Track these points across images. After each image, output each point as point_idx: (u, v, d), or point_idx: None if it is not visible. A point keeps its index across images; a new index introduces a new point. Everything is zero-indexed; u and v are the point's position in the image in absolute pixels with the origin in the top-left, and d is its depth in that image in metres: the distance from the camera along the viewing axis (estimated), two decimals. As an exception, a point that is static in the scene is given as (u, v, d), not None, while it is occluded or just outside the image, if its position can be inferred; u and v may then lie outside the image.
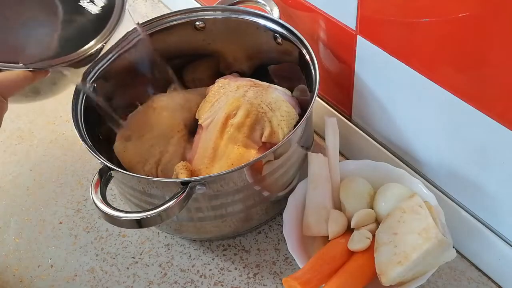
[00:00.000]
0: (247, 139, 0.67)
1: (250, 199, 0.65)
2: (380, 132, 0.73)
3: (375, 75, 0.67)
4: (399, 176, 0.67)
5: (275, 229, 0.73)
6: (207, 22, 0.79)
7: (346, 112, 0.77)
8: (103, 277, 0.70)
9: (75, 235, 0.75)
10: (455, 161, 0.62)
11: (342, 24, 0.67)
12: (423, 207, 0.59)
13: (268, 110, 0.70)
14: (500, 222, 0.61)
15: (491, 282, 0.66)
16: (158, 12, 1.08)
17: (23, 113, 0.93)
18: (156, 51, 0.76)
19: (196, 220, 0.67)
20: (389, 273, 0.57)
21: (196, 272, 0.70)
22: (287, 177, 0.68)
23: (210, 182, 0.60)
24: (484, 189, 0.60)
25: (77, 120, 0.66)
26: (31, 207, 0.79)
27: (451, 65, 0.55)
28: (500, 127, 0.53)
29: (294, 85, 0.76)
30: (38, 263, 0.72)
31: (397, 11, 0.58)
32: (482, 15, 0.48)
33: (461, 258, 0.68)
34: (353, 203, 0.66)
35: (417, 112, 0.63)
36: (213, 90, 0.75)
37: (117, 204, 0.77)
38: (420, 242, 0.56)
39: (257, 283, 0.68)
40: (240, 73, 0.82)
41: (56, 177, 0.82)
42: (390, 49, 0.61)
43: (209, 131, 0.70)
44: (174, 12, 0.78)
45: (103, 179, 0.61)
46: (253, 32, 0.77)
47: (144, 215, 0.56)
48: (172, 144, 0.71)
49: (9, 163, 0.85)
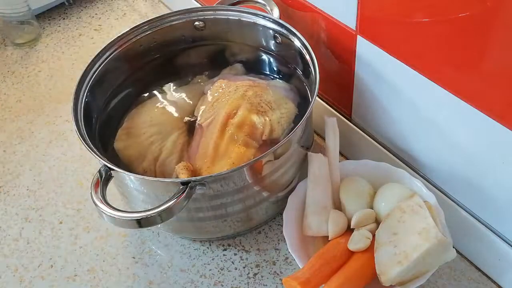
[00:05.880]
0: (247, 139, 0.67)
1: (250, 199, 0.65)
2: (380, 132, 0.73)
3: (375, 75, 0.67)
4: (399, 176, 0.67)
5: (275, 229, 0.73)
6: (207, 22, 0.79)
7: (346, 112, 0.77)
8: (103, 277, 0.70)
9: (75, 235, 0.75)
10: (455, 161, 0.62)
11: (342, 24, 0.67)
12: (423, 207, 0.59)
13: (268, 109, 0.70)
14: (500, 222, 0.61)
15: (491, 282, 0.66)
16: (158, 12, 1.08)
17: (23, 113, 0.93)
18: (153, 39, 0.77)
19: (196, 220, 0.67)
20: (389, 273, 0.57)
21: (196, 272, 0.70)
22: (287, 177, 0.68)
23: (210, 182, 0.60)
24: (484, 189, 0.60)
25: (77, 120, 0.66)
26: (31, 207, 0.79)
27: (451, 65, 0.55)
28: (500, 127, 0.53)
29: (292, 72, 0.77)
30: (38, 263, 0.72)
31: (397, 11, 0.58)
32: (482, 15, 0.48)
33: (461, 258, 0.68)
34: (353, 203, 0.66)
35: (417, 112, 0.63)
36: (212, 91, 0.75)
37: (117, 204, 0.76)
38: (420, 242, 0.57)
39: (257, 283, 0.68)
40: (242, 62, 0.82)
41: (56, 177, 0.82)
42: (390, 49, 0.61)
43: (209, 131, 0.70)
44: (174, 12, 0.78)
45: (103, 179, 0.61)
46: (253, 32, 0.77)
47: (144, 215, 0.56)
48: (171, 141, 0.71)
49: (9, 163, 0.85)
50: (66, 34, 1.08)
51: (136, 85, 0.80)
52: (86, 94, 0.70)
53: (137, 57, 0.79)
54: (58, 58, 1.03)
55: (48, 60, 1.03)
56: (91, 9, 1.14)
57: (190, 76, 0.82)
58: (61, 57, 1.03)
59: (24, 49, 1.06)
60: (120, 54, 0.76)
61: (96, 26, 1.10)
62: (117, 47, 0.75)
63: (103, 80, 0.74)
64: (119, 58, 0.76)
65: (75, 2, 1.16)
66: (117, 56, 0.75)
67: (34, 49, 1.06)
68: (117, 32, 0.88)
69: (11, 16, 1.02)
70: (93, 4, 1.15)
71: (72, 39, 1.07)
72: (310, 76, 0.69)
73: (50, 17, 1.13)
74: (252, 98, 0.70)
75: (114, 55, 0.75)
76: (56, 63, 1.02)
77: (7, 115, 0.93)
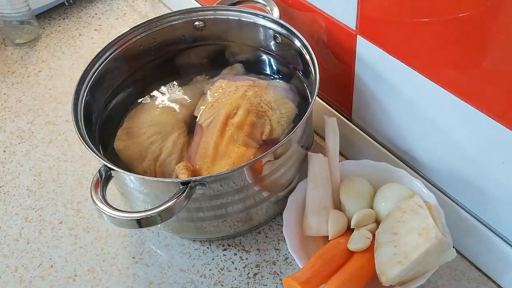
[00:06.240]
0: (247, 139, 0.67)
1: (250, 199, 0.65)
2: (380, 132, 0.73)
3: (375, 75, 0.67)
4: (399, 176, 0.67)
5: (275, 229, 0.73)
6: (207, 22, 0.79)
7: (346, 112, 0.77)
8: (103, 277, 0.70)
9: (75, 235, 0.75)
10: (455, 161, 0.62)
11: (342, 24, 0.67)
12: (423, 207, 0.59)
13: (268, 109, 0.70)
14: (500, 222, 0.61)
15: (491, 282, 0.66)
16: (158, 12, 1.08)
17: (23, 113, 0.93)
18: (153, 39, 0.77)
19: (196, 220, 0.67)
20: (389, 273, 0.57)
21: (196, 272, 0.70)
22: (287, 177, 0.68)
23: (210, 182, 0.60)
24: (484, 189, 0.60)
25: (77, 120, 0.66)
26: (31, 207, 0.79)
27: (451, 65, 0.55)
28: (500, 127, 0.53)
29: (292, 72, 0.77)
30: (38, 263, 0.72)
31: (397, 11, 0.58)
32: (482, 15, 0.48)
33: (461, 258, 0.68)
34: (353, 203, 0.66)
35: (417, 112, 0.63)
36: (212, 91, 0.75)
37: (117, 204, 0.77)
38: (420, 242, 0.56)
39: (257, 283, 0.68)
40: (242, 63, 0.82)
41: (56, 177, 0.82)
42: (390, 49, 0.61)
43: (209, 131, 0.70)
44: (174, 12, 0.78)
45: (103, 179, 0.61)
46: (253, 32, 0.77)
47: (144, 215, 0.56)
48: (171, 141, 0.71)
49: (9, 163, 0.85)
50: (66, 34, 1.08)
51: (136, 85, 0.80)
52: (86, 94, 0.70)
53: (137, 57, 0.79)
54: (58, 58, 1.03)
55: (48, 60, 1.03)
56: (91, 9, 1.14)
57: (190, 76, 0.82)
58: (61, 57, 1.03)
59: (24, 49, 1.06)
60: (120, 54, 0.76)
61: (96, 26, 1.10)
62: (117, 47, 0.75)
63: (103, 80, 0.74)
64: (119, 58, 0.76)
65: (75, 2, 1.16)
66: (117, 56, 0.75)
67: (34, 49, 1.06)
68: (117, 32, 0.88)
69: (11, 16, 1.02)
70: (93, 4, 1.15)
71: (72, 39, 1.07)
72: (310, 76, 0.69)
73: (50, 17, 1.13)
74: (252, 98, 0.70)
75: (114, 55, 0.75)
76: (56, 63, 1.02)
77: (7, 115, 0.93)
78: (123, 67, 0.78)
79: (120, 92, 0.78)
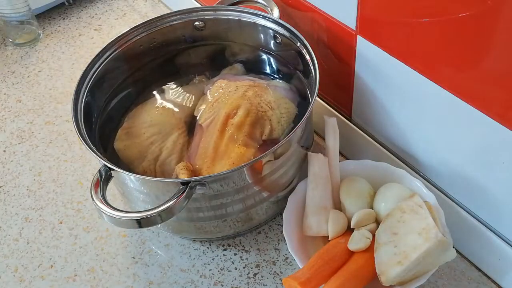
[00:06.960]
0: (247, 138, 0.67)
1: (250, 199, 0.65)
2: (380, 132, 0.73)
3: (375, 75, 0.67)
4: (399, 176, 0.67)
5: (275, 229, 0.73)
6: (207, 22, 0.79)
7: (346, 112, 0.77)
8: (103, 277, 0.70)
9: (75, 235, 0.75)
10: (455, 161, 0.62)
11: (342, 24, 0.67)
12: (423, 207, 0.59)
13: (268, 109, 0.70)
14: (500, 222, 0.61)
15: (491, 282, 0.66)
16: (158, 12, 1.08)
17: (23, 113, 0.93)
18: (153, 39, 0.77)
19: (196, 220, 0.67)
20: (389, 273, 0.57)
21: (196, 272, 0.70)
22: (287, 177, 0.68)
23: (210, 182, 0.60)
24: (484, 189, 0.60)
25: (77, 120, 0.66)
26: (31, 207, 0.79)
27: (451, 65, 0.55)
28: (500, 127, 0.53)
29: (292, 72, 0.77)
30: (38, 263, 0.72)
31: (397, 11, 0.58)
32: (482, 15, 0.48)
33: (461, 258, 0.68)
34: (353, 203, 0.66)
35: (417, 112, 0.63)
36: (212, 91, 0.75)
37: (117, 204, 0.77)
38: (420, 242, 0.56)
39: (257, 283, 0.68)
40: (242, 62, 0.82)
41: (56, 177, 0.82)
42: (390, 49, 0.61)
43: (209, 131, 0.70)
44: (174, 12, 0.78)
45: (103, 179, 0.61)
46: (253, 32, 0.77)
47: (144, 215, 0.56)
48: (171, 141, 0.71)
49: (9, 163, 0.85)
50: (66, 34, 1.08)
51: (136, 85, 0.80)
52: (86, 94, 0.70)
53: (137, 57, 0.79)
54: (58, 58, 1.03)
55: (48, 60, 1.03)
56: (91, 9, 1.14)
57: (190, 76, 0.82)
58: (61, 57, 1.03)
59: (24, 49, 1.06)
60: (120, 54, 0.76)
61: (96, 26, 1.10)
62: (117, 47, 0.75)
63: (103, 80, 0.74)
64: (119, 58, 0.76)
65: (75, 2, 1.16)
66: (117, 56, 0.75)
67: (34, 49, 1.06)
68: (117, 32, 0.88)
69: (11, 16, 1.02)
70: (93, 4, 1.15)
71: (72, 39, 1.07)
72: (310, 76, 0.69)
73: (50, 17, 1.13)
74: (252, 98, 0.70)
75: (114, 55, 0.75)
76: (56, 63, 1.02)
77: (7, 115, 0.93)
78: (123, 67, 0.78)
79: (120, 92, 0.78)
